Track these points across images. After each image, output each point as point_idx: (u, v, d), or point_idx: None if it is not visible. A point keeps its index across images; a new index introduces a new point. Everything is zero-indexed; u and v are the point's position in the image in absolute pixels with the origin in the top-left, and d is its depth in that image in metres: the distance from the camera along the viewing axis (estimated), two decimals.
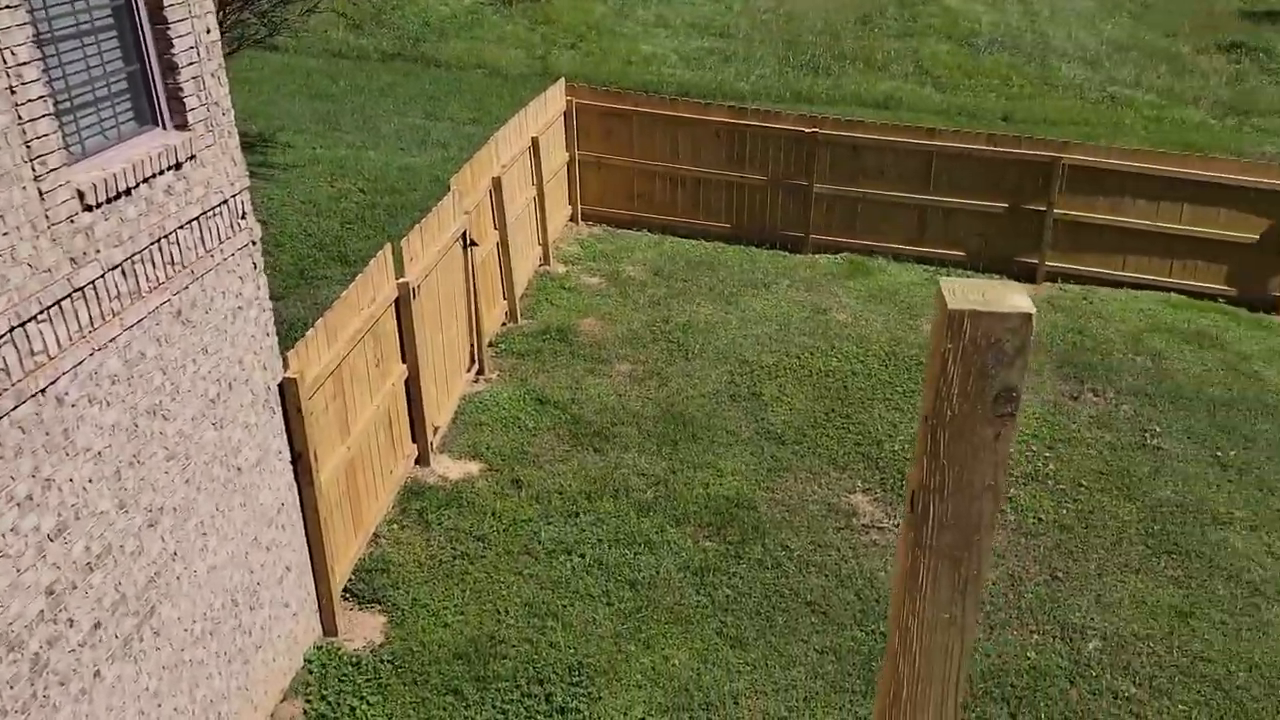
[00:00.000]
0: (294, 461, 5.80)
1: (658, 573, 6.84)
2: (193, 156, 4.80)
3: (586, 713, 5.81)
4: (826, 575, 6.92)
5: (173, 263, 4.66)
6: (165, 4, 4.49)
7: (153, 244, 4.50)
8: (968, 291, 1.25)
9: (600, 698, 5.90)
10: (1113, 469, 8.45)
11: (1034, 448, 8.63)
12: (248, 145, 14.36)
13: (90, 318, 4.11)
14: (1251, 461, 8.67)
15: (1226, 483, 8.42)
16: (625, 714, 5.82)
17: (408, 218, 11.67)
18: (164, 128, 4.73)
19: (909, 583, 1.30)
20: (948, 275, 11.82)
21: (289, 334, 9.08)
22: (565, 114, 12.03)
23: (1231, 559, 7.50)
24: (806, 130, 11.90)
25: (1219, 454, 8.78)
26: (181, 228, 4.72)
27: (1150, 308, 11.43)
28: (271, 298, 10.55)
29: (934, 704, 1.35)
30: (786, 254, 12.21)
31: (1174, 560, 7.46)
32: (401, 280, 7.17)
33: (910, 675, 1.34)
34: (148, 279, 4.46)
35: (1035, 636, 6.64)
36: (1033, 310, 1.21)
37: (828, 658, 6.27)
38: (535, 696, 5.89)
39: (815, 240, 12.30)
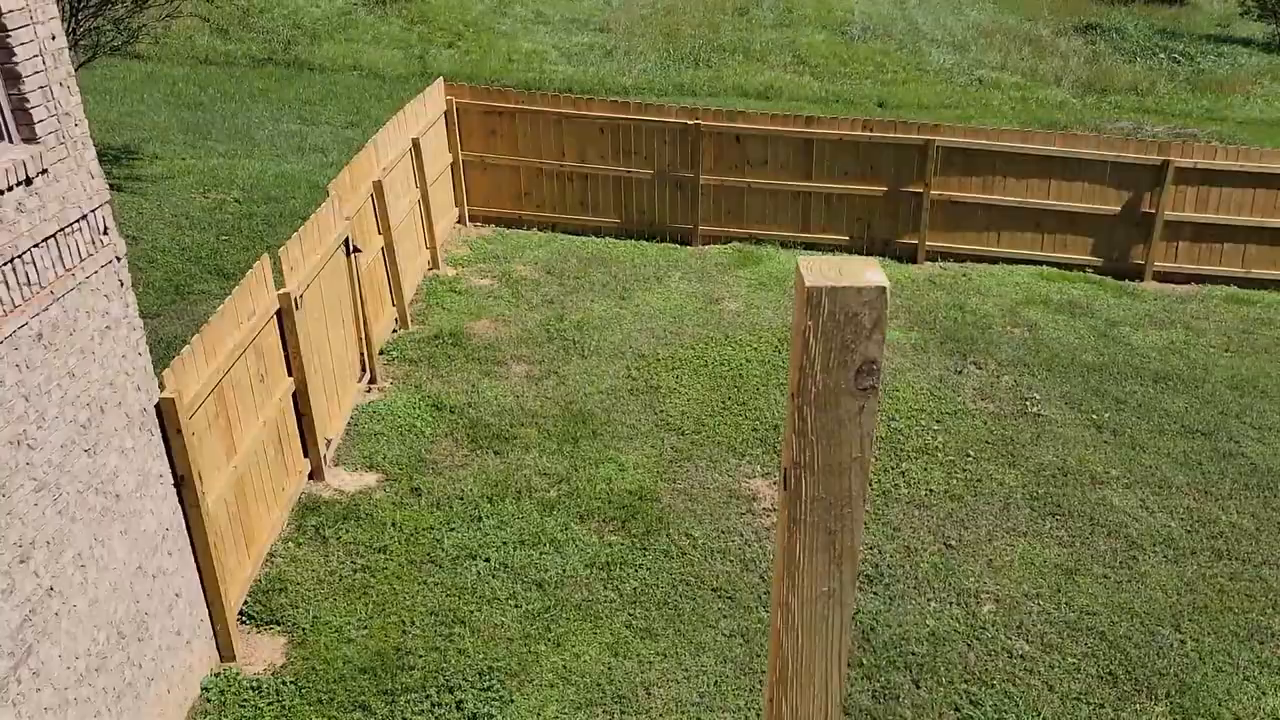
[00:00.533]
0: (177, 485, 5.57)
1: (564, 571, 6.82)
2: (44, 170, 4.56)
3: (499, 717, 5.75)
4: (731, 560, 7.00)
5: (29, 284, 4.42)
6: (3, 10, 4.25)
7: (4, 265, 4.26)
8: (824, 268, 1.26)
9: (512, 700, 5.85)
10: (997, 438, 8.78)
11: (923, 422, 8.90)
12: (113, 158, 13.73)
13: None
14: (1124, 423, 9.12)
15: (1103, 444, 8.84)
16: (538, 715, 5.78)
17: (287, 226, 11.33)
18: (10, 140, 4.47)
19: (787, 560, 1.31)
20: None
21: (167, 353, 8.72)
22: (446, 114, 11.86)
23: (1110, 516, 7.87)
24: (690, 122, 12.00)
25: (1094, 417, 9.21)
26: (36, 246, 4.48)
27: (1025, 281, 11.91)
28: (145, 315, 10.15)
29: (819, 677, 1.37)
30: (677, 246, 12.29)
31: (1058, 521, 7.79)
32: (282, 291, 6.96)
33: (794, 650, 1.35)
34: (1, 302, 4.22)
35: (933, 604, 6.85)
36: (886, 283, 1.24)
37: (736, 641, 6.35)
38: (445, 705, 5.80)
39: (704, 232, 12.42)
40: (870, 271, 1.26)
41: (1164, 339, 10.73)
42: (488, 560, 6.86)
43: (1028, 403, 9.37)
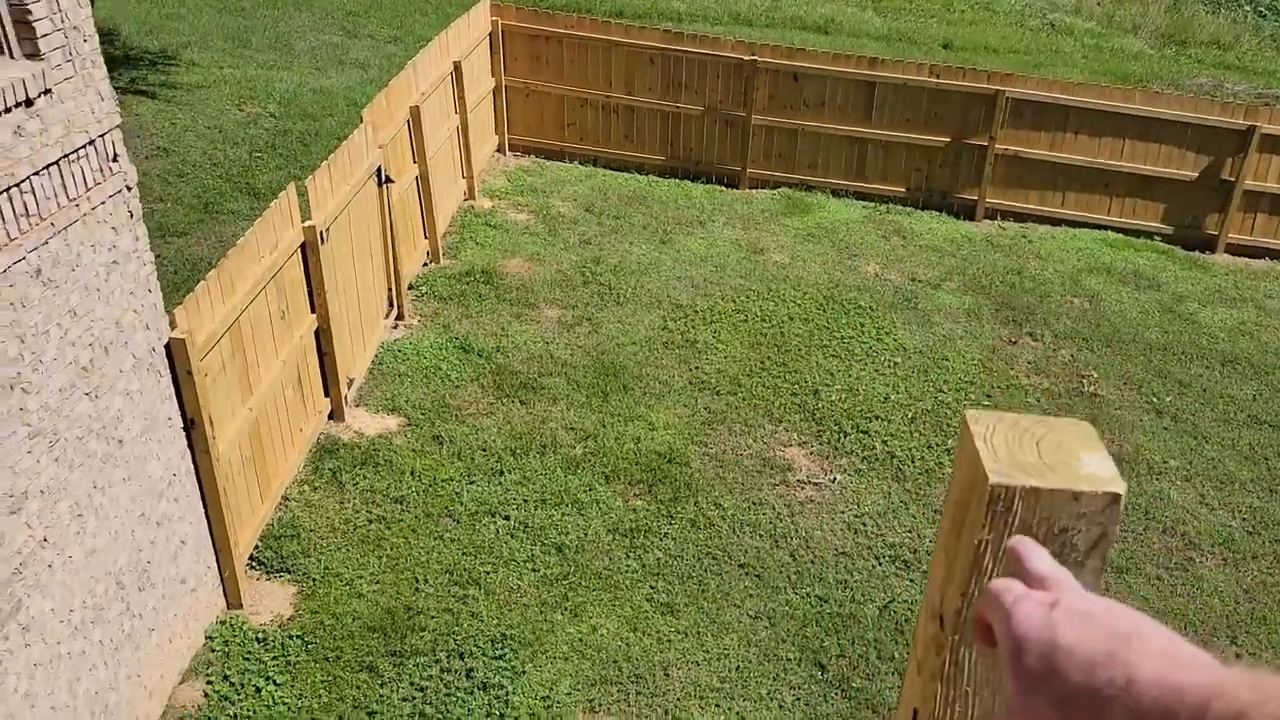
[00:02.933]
0: (186, 429, 5.29)
1: (585, 535, 6.53)
2: (48, 91, 4.19)
3: (510, 687, 5.52)
4: (761, 535, 6.68)
5: (27, 214, 4.08)
6: None
7: (0, 193, 3.92)
8: (1014, 444, 0.84)
9: (524, 671, 5.61)
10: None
11: (972, 396, 8.45)
12: (149, 63, 13.34)
13: None
14: (1185, 409, 8.62)
15: (1162, 430, 8.36)
16: (550, 688, 5.54)
17: (322, 147, 10.94)
18: (10, 56, 4.10)
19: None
20: (886, 211, 11.56)
21: (192, 275, 8.44)
22: (491, 36, 11.31)
23: (1166, 511, 7.44)
24: (746, 58, 11.36)
25: (1154, 400, 8.71)
26: (37, 174, 4.13)
27: (1088, 246, 11.28)
28: (174, 234, 9.86)
29: None
30: (723, 189, 11.76)
31: None
32: (308, 224, 6.60)
33: None
34: None
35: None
36: (1121, 486, 0.82)
37: (761, 623, 6.05)
38: (455, 672, 5.58)
39: (752, 174, 11.86)
40: (1090, 455, 0.84)
41: (1234, 318, 10.13)
42: (507, 518, 6.58)
43: (1084, 381, 8.87)
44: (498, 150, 11.92)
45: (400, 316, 8.57)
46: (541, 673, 5.61)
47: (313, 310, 6.84)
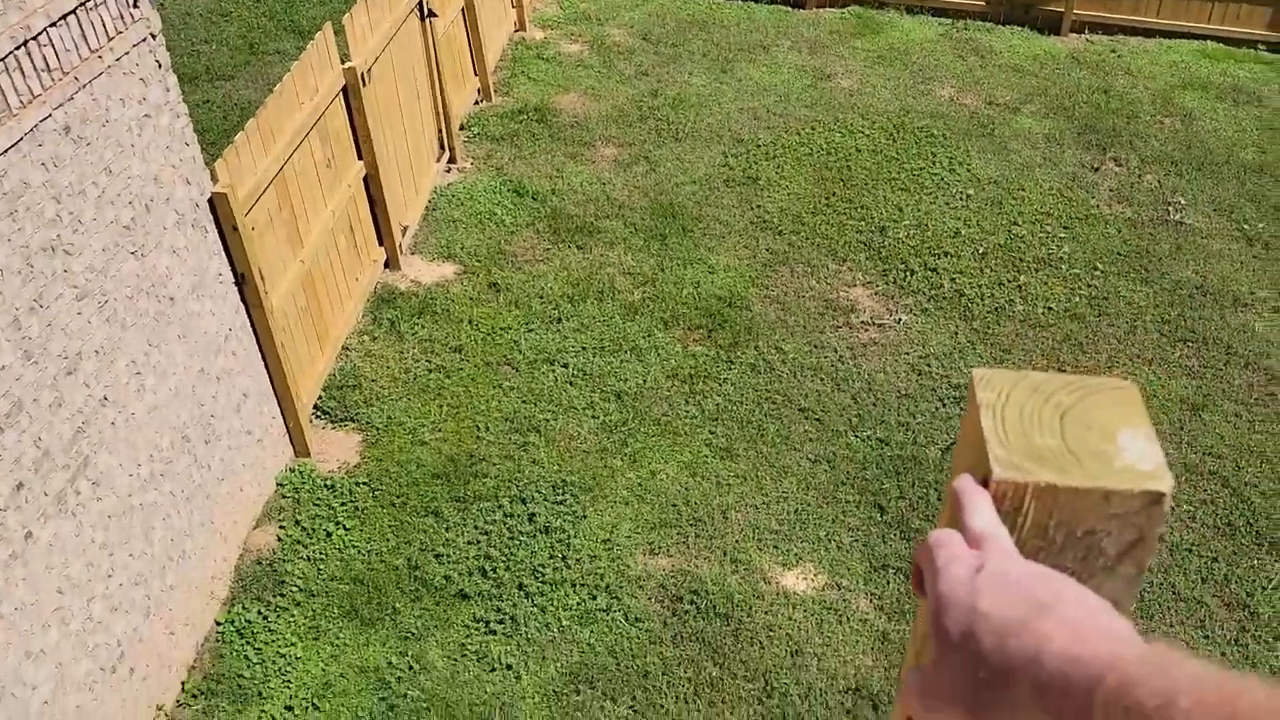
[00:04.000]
0: (238, 284, 5.28)
1: (644, 381, 6.47)
2: None
3: (571, 531, 5.61)
4: (822, 379, 6.55)
5: (48, 69, 3.94)
6: None
7: (17, 49, 3.77)
8: (1031, 420, 0.66)
9: (585, 516, 5.68)
10: (1131, 249, 7.89)
11: (1048, 228, 8.02)
12: None
13: None
14: (1278, 234, 8.08)
15: (1252, 259, 7.87)
16: (611, 532, 5.62)
17: None
18: None
19: None
20: (964, 29, 10.77)
21: (241, 118, 8.29)
22: None
23: (1250, 344, 7.08)
24: None
25: (1246, 227, 8.17)
26: (54, 25, 3.96)
27: (1184, 60, 10.41)
28: (221, 77, 9.66)
29: None
30: (789, 10, 11.04)
31: (1189, 348, 7.05)
32: (348, 66, 6.35)
33: None
34: (17, 92, 3.77)
35: None
36: (1168, 481, 0.63)
37: (821, 467, 6.00)
38: (518, 516, 5.68)
39: None
40: (1132, 431, 0.65)
41: None
42: (566, 366, 6.54)
43: (1170, 208, 8.34)
44: None
45: (452, 160, 8.36)
46: (602, 516, 5.68)
47: (359, 157, 6.67)
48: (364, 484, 5.85)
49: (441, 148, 8.27)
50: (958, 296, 7.26)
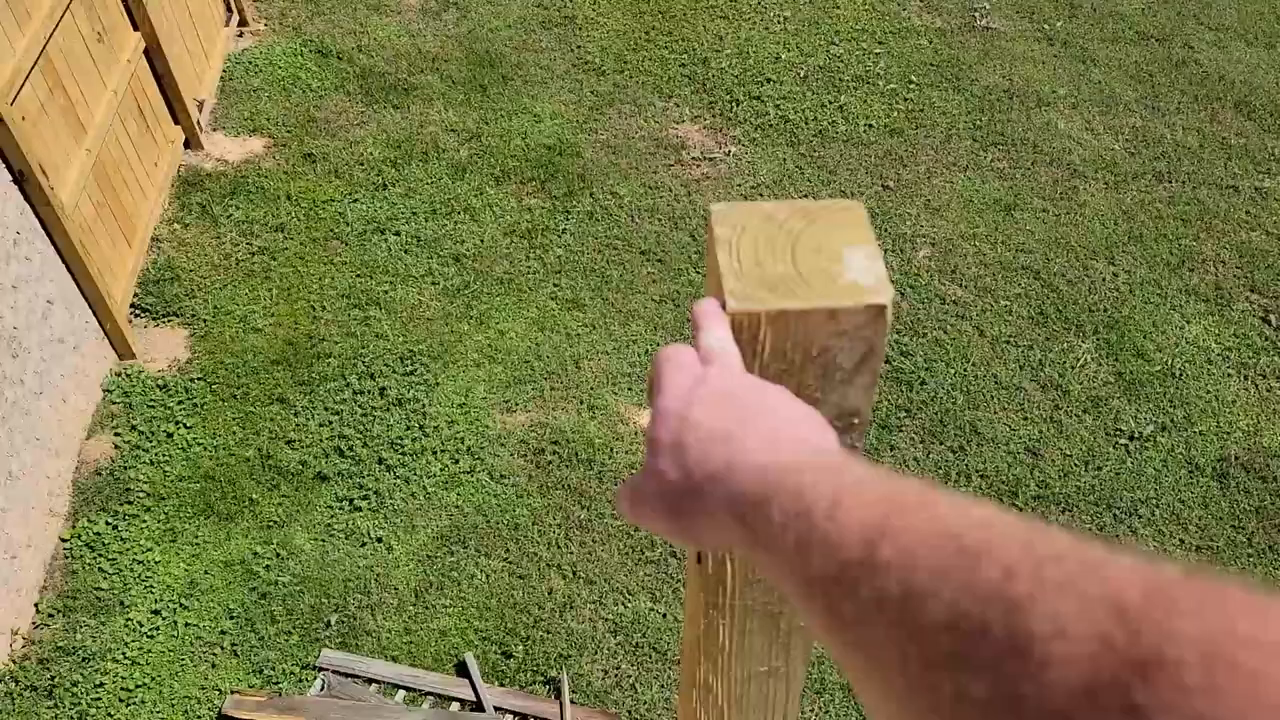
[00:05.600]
0: (18, 182, 4.80)
1: (482, 241, 6.34)
2: None
3: (425, 400, 5.56)
4: (660, 219, 6.56)
5: None
6: None
7: None
8: (765, 250, 0.67)
9: (437, 383, 5.63)
10: (942, 59, 8.09)
11: (864, 44, 8.11)
12: None
13: None
14: (1075, 32, 8.43)
15: (1052, 58, 8.21)
16: (466, 395, 5.60)
17: None
18: None
19: (705, 643, 0.85)
20: None
21: None
22: None
23: (1053, 142, 7.47)
24: None
25: (1046, 27, 8.48)
26: None
27: None
28: None
29: None
30: None
31: (1000, 152, 7.38)
32: None
33: None
34: None
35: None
36: (888, 293, 0.65)
37: (666, 306, 6.10)
38: (368, 393, 5.58)
39: None
40: (855, 254, 0.66)
41: None
42: (398, 234, 6.33)
43: (976, 14, 8.55)
44: None
45: (244, 22, 7.72)
46: (454, 382, 5.65)
47: (135, 27, 6.07)
48: (199, 379, 5.60)
49: (229, 9, 7.60)
50: (783, 123, 7.33)
